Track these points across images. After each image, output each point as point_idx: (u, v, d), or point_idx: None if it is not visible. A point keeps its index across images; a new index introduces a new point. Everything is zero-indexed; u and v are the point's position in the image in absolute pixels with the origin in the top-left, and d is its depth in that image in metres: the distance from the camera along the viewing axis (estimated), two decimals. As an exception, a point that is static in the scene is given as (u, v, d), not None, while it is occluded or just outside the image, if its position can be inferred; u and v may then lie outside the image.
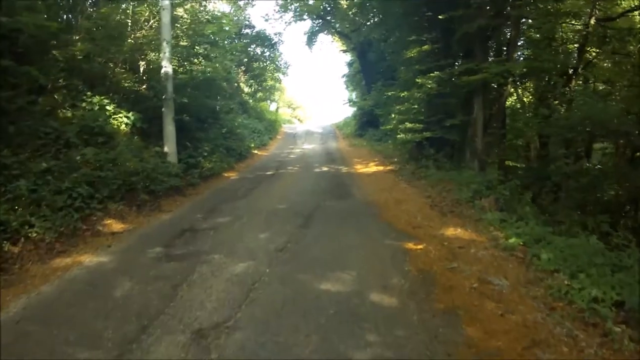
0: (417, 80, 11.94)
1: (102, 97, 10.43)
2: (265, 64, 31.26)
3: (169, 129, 11.98)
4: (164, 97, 11.98)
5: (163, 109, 11.92)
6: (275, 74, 32.63)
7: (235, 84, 26.31)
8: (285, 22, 29.22)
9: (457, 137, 11.84)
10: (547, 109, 12.48)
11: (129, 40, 12.46)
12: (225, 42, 24.55)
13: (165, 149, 11.80)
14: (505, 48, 12.17)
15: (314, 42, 30.46)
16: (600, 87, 14.53)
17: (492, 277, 4.82)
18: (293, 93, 57.91)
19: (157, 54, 12.98)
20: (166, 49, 12.12)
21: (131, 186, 8.73)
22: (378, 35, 21.68)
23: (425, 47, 12.21)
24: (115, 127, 10.62)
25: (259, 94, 32.72)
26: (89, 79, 10.98)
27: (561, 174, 10.56)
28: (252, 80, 30.08)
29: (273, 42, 30.58)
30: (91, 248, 6.06)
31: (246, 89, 30.25)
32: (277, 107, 51.71)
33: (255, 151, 20.24)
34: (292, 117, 54.17)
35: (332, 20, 28.34)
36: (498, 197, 8.34)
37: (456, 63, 12.35)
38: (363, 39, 27.20)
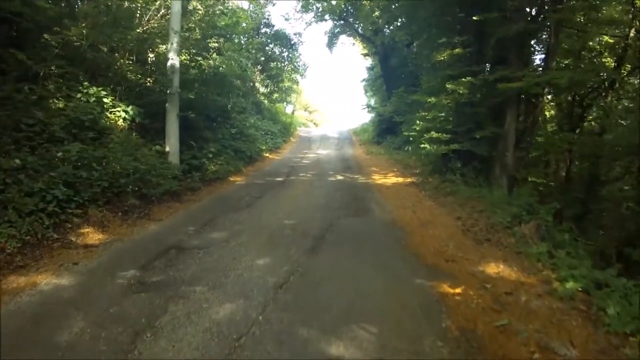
0: (447, 85, 10.79)
1: (100, 88, 9.47)
2: (283, 65, 30.29)
3: (172, 126, 11.11)
4: (168, 91, 11.12)
5: (167, 104, 11.05)
6: (293, 75, 31.61)
7: (251, 84, 25.38)
8: (306, 23, 28.39)
9: (486, 151, 10.64)
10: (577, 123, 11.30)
11: (137, 30, 11.56)
12: (242, 38, 23.83)
13: (167, 147, 10.91)
14: (535, 57, 11.04)
15: (335, 43, 29.47)
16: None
17: (555, 343, 3.64)
18: (310, 96, 56.91)
19: (166, 45, 12.08)
20: (174, 40, 11.22)
21: (120, 189, 7.74)
22: (403, 37, 20.38)
23: (457, 50, 11.02)
24: (112, 121, 9.68)
25: (275, 95, 31.73)
26: (92, 69, 10.10)
27: (612, 198, 9.24)
28: (268, 81, 29.09)
29: (292, 42, 29.66)
30: (55, 265, 5.00)
31: (262, 89, 29.30)
32: (294, 110, 50.83)
33: (267, 154, 19.22)
34: (308, 121, 53.17)
35: (355, 22, 27.23)
36: (540, 224, 7.12)
37: (487, 70, 11.15)
38: (386, 42, 26.15)
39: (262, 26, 28.10)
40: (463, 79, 10.48)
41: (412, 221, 7.44)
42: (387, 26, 23.80)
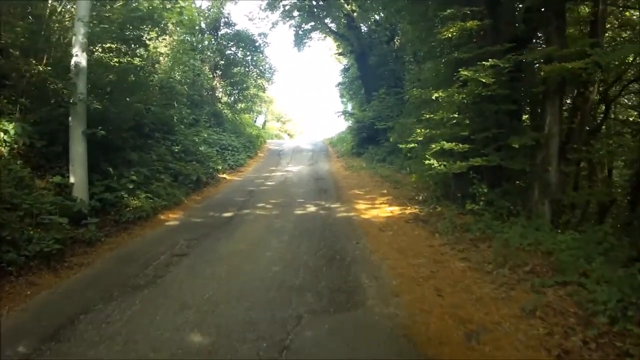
0: (462, 73, 7.40)
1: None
2: (247, 69, 26.67)
3: (77, 148, 7.82)
4: (71, 100, 7.77)
5: (70, 119, 7.87)
6: (259, 81, 27.99)
7: (207, 92, 21.72)
8: (272, 23, 24.81)
9: (526, 166, 7.33)
10: None
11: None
12: (193, 37, 20.26)
13: (71, 178, 7.62)
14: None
15: (304, 43, 25.93)
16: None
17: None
18: (282, 105, 53.50)
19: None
20: (80, 31, 7.96)
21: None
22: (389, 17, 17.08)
23: (470, 23, 7.69)
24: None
25: (240, 105, 28.08)
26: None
27: None
28: (230, 88, 25.45)
29: (257, 44, 26.08)
30: None
31: (224, 98, 25.64)
32: (265, 121, 47.35)
33: (224, 175, 15.54)
34: (281, 132, 49.71)
35: (326, 17, 23.83)
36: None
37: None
38: (363, 38, 23.00)
39: (221, 25, 24.51)
40: (484, 63, 7.16)
41: (445, 327, 3.82)
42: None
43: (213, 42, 23.37)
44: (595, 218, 8.51)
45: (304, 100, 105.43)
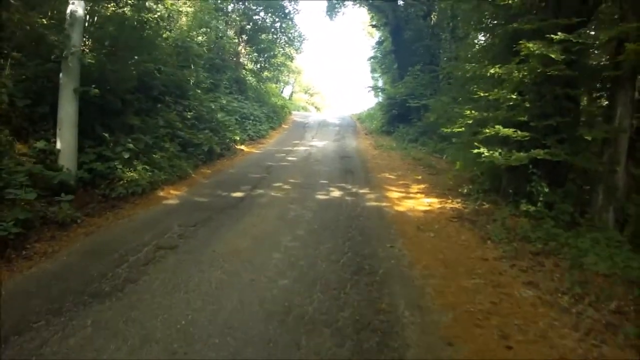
0: (525, 45, 5.89)
1: None
2: (275, 37, 25.05)
3: (67, 110, 6.75)
4: (64, 53, 6.65)
5: (61, 75, 6.74)
6: (287, 49, 26.37)
7: (231, 57, 20.32)
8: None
9: (591, 164, 5.87)
10: None
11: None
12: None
13: (58, 144, 6.63)
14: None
15: (337, 11, 24.12)
16: None
17: None
18: (311, 77, 51.76)
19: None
20: None
21: None
22: None
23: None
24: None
25: (266, 73, 26.56)
26: None
27: None
28: (256, 54, 23.95)
29: (286, 10, 24.38)
30: None
31: (249, 65, 24.20)
32: (292, 92, 45.85)
33: (242, 147, 14.30)
34: (308, 104, 48.07)
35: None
36: None
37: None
38: (399, 11, 21.13)
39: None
40: (553, 36, 5.66)
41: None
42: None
43: (241, 4, 21.82)
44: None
45: (333, 73, 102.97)
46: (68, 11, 6.84)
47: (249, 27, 22.68)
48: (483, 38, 9.52)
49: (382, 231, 5.83)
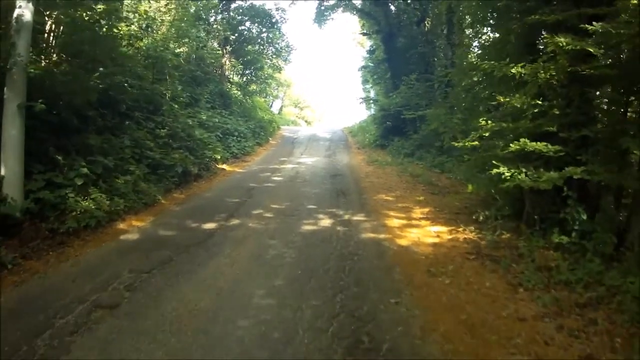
0: (554, 39, 4.80)
1: None
2: (262, 48, 24.01)
3: (9, 131, 5.79)
4: (8, 65, 5.80)
5: (5, 90, 5.87)
6: (274, 60, 25.32)
7: (214, 70, 19.22)
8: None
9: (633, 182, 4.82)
10: None
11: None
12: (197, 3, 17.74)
13: (2, 170, 5.69)
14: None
15: (326, 19, 23.20)
16: None
17: None
18: (301, 90, 50.84)
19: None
20: None
21: None
22: None
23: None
24: None
25: (253, 86, 25.45)
26: None
27: None
28: (241, 66, 22.87)
29: (274, 19, 23.36)
30: None
31: (235, 78, 23.11)
32: (282, 106, 44.86)
33: (224, 166, 13.10)
34: (298, 118, 47.06)
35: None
36: None
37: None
38: (391, 17, 20.25)
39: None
40: (588, 27, 4.62)
41: None
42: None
43: (225, 13, 20.80)
44: None
45: (323, 85, 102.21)
46: (14, 15, 5.88)
47: (233, 37, 21.62)
48: (486, 37, 8.38)
49: (382, 277, 4.59)
